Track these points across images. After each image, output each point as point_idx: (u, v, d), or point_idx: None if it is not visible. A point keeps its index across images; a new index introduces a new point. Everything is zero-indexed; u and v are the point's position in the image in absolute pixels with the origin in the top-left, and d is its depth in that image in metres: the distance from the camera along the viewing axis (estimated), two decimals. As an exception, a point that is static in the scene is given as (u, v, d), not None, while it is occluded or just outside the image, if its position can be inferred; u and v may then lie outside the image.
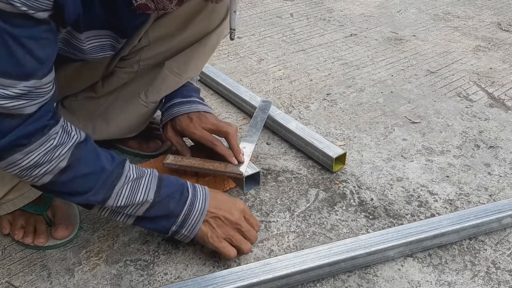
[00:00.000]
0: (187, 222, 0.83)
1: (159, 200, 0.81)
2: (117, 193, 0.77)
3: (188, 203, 0.83)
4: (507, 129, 1.32)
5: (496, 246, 0.95)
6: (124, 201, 0.78)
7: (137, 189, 0.79)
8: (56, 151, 0.71)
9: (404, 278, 0.88)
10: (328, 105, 1.43)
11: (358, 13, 2.14)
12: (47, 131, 0.69)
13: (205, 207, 0.84)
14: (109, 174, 0.76)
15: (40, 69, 0.65)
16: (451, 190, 1.09)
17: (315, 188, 1.09)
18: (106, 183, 0.76)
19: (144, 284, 0.86)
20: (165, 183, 0.82)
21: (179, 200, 0.83)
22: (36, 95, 0.66)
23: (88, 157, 0.75)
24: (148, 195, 0.80)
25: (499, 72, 1.63)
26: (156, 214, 0.82)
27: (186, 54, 1.00)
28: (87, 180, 0.75)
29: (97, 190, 0.76)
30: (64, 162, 0.72)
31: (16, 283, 0.86)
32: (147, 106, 1.04)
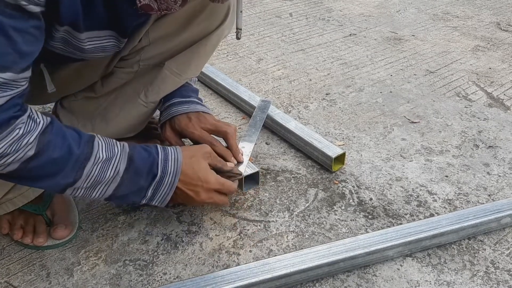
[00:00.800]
0: (157, 196, 0.85)
1: (127, 177, 0.81)
2: (86, 174, 0.76)
3: (157, 180, 0.84)
4: (506, 129, 1.32)
5: (495, 246, 0.95)
6: (92, 180, 0.77)
7: (107, 168, 0.78)
8: (22, 140, 0.68)
9: (403, 278, 0.88)
10: (327, 105, 1.43)
11: (358, 13, 2.14)
12: (13, 122, 0.67)
13: (174, 182, 0.85)
14: (77, 156, 0.75)
15: (19, 63, 0.64)
16: (450, 190, 1.09)
17: (314, 188, 1.09)
18: (76, 165, 0.75)
19: (143, 284, 0.86)
20: (135, 159, 0.82)
21: (146, 176, 0.83)
22: (8, 87, 0.64)
23: (56, 141, 0.73)
24: (118, 173, 0.79)
25: (498, 72, 1.63)
26: (125, 192, 0.82)
27: (186, 54, 1.00)
28: (55, 164, 0.73)
29: (67, 172, 0.74)
30: (31, 150, 0.70)
31: (15, 283, 0.86)
32: (146, 106, 1.04)
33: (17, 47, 0.62)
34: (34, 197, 0.93)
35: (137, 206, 1.03)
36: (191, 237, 0.96)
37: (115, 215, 1.01)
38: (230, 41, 1.83)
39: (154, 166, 0.83)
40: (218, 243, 0.95)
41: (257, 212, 1.02)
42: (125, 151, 0.81)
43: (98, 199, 0.84)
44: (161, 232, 0.97)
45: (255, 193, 1.07)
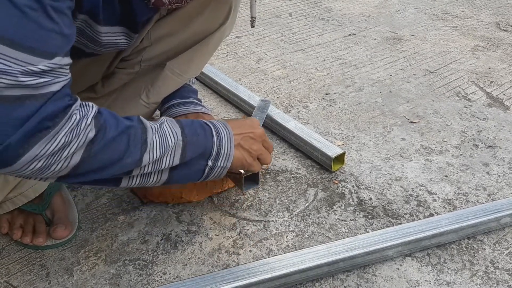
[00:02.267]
0: (221, 152, 0.83)
1: (189, 140, 0.78)
2: (150, 145, 0.73)
3: (214, 133, 0.82)
4: (505, 128, 1.32)
5: (495, 246, 0.95)
6: (158, 151, 0.74)
7: (165, 135, 0.75)
8: (81, 124, 0.65)
9: (403, 278, 0.88)
10: (327, 104, 1.43)
11: (357, 13, 2.14)
12: (69, 110, 0.64)
13: (230, 132, 0.84)
14: (136, 128, 0.72)
15: (63, 47, 0.61)
16: (449, 189, 1.09)
17: (314, 187, 1.09)
18: (137, 139, 0.72)
19: (143, 283, 0.86)
20: (184, 124, 0.80)
21: (205, 133, 0.81)
22: (59, 73, 0.62)
23: (111, 121, 0.70)
24: (177, 136, 0.77)
25: (497, 71, 1.63)
26: (192, 156, 0.79)
27: (188, 54, 1.00)
28: (118, 142, 0.69)
29: (132, 149, 0.71)
30: (92, 132, 0.66)
31: (15, 282, 0.86)
32: (148, 107, 1.04)
33: (60, 29, 0.59)
34: (34, 196, 0.93)
35: (136, 206, 1.03)
36: (191, 237, 0.96)
37: (115, 215, 1.01)
38: (230, 41, 1.83)
39: (203, 123, 0.82)
40: (218, 243, 0.95)
41: (256, 212, 1.02)
42: (170, 119, 0.80)
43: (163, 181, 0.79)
44: (161, 232, 0.97)
45: (254, 193, 1.07)
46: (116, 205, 1.03)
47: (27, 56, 0.57)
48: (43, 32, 0.58)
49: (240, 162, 0.87)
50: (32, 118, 0.59)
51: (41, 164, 0.62)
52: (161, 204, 1.03)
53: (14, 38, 0.55)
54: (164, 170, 0.78)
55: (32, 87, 0.58)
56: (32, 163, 0.61)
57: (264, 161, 0.93)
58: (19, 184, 0.90)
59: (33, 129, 0.59)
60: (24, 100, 0.58)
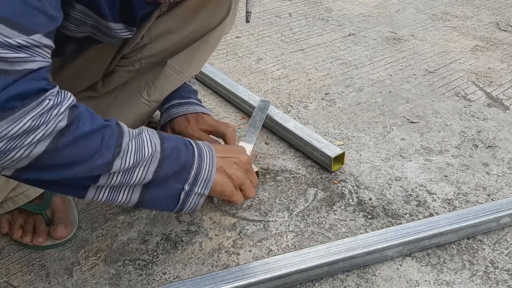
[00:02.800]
0: (200, 176, 0.75)
1: (167, 155, 0.72)
2: (124, 150, 0.67)
3: (196, 154, 0.75)
4: (505, 128, 1.32)
5: (494, 246, 0.95)
6: (132, 159, 0.68)
7: (142, 144, 0.69)
8: (53, 111, 0.59)
9: (402, 278, 0.88)
10: (327, 104, 1.43)
11: (357, 13, 2.14)
12: (43, 94, 0.58)
13: (213, 153, 0.77)
14: (112, 129, 0.66)
15: (46, 26, 0.58)
16: (449, 189, 1.09)
17: (314, 187, 1.09)
18: (112, 140, 0.66)
19: (143, 283, 0.86)
20: (165, 137, 0.74)
21: (187, 151, 0.75)
22: (37, 52, 0.58)
23: (86, 116, 0.64)
24: (155, 147, 0.71)
25: (497, 71, 1.63)
26: (167, 172, 0.72)
27: (188, 51, 1.00)
28: (90, 139, 0.64)
29: (103, 150, 0.65)
30: (64, 121, 0.60)
31: (15, 282, 0.86)
32: (149, 105, 1.03)
33: (44, 9, 0.57)
34: (35, 196, 0.93)
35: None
36: (191, 237, 0.96)
37: (115, 214, 1.01)
38: (230, 41, 1.83)
39: (188, 143, 0.76)
40: (218, 243, 0.95)
41: (256, 212, 1.02)
42: (152, 130, 0.74)
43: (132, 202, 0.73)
44: (161, 232, 0.97)
45: (254, 193, 1.07)
46: (115, 205, 1.03)
47: (4, 28, 0.53)
48: (27, 8, 0.55)
49: (220, 188, 0.79)
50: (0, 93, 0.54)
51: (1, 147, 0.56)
52: (161, 204, 1.03)
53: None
54: (135, 187, 0.72)
55: (6, 61, 0.54)
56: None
57: (247, 194, 0.83)
58: (20, 183, 0.90)
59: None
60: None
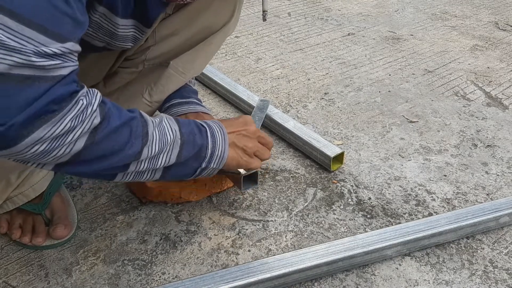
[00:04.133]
0: (215, 154, 0.83)
1: (186, 139, 0.79)
2: (150, 139, 0.73)
3: (209, 134, 0.83)
4: (504, 128, 1.32)
5: (494, 245, 0.95)
6: (157, 146, 0.74)
7: (164, 131, 0.76)
8: (87, 110, 0.64)
9: (402, 277, 0.88)
10: (326, 104, 1.43)
11: (356, 13, 2.14)
12: (75, 96, 0.63)
13: (224, 132, 0.85)
14: (138, 120, 0.72)
15: (75, 33, 0.61)
16: (448, 189, 1.09)
17: (313, 187, 1.09)
18: (139, 130, 0.72)
19: (142, 283, 0.86)
20: (181, 122, 0.80)
21: (201, 134, 0.82)
22: (68, 58, 0.61)
23: (114, 110, 0.69)
24: (176, 133, 0.77)
25: (496, 71, 1.63)
26: (187, 155, 0.79)
27: (192, 53, 1.00)
28: (121, 132, 0.69)
29: (133, 140, 0.71)
30: (97, 118, 0.65)
31: (14, 283, 0.86)
32: (151, 106, 1.03)
33: (73, 14, 0.59)
34: (34, 196, 0.93)
35: (135, 206, 1.03)
36: (190, 237, 0.96)
37: (114, 214, 1.01)
38: (229, 41, 1.83)
39: (198, 124, 0.83)
40: (217, 243, 0.95)
41: (255, 211, 1.02)
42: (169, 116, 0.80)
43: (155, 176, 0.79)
44: (160, 231, 0.97)
45: (253, 193, 1.07)
46: (115, 205, 1.03)
47: (40, 36, 0.55)
48: (58, 14, 0.57)
49: (236, 162, 0.87)
50: (39, 100, 0.57)
51: (44, 147, 0.61)
52: (160, 204, 1.03)
53: (29, 17, 0.54)
54: (158, 170, 0.78)
55: (43, 68, 0.57)
56: (35, 145, 0.60)
57: (262, 157, 0.92)
58: (20, 184, 0.90)
59: (39, 111, 0.58)
60: (33, 81, 0.56)
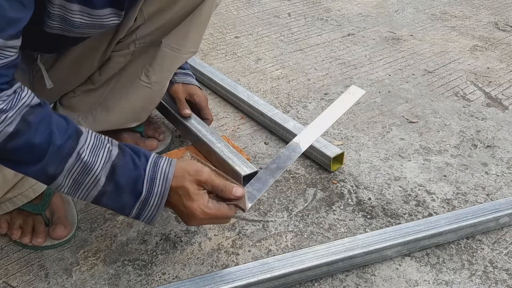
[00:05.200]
0: (143, 215, 0.76)
1: (110, 190, 0.73)
2: (68, 170, 0.70)
3: (141, 199, 0.75)
4: (504, 128, 1.32)
5: (493, 245, 0.95)
6: (74, 180, 0.71)
7: (87, 174, 0.71)
8: (2, 115, 0.63)
9: (402, 278, 0.88)
10: (326, 104, 1.43)
11: (356, 13, 2.14)
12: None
13: (160, 204, 0.75)
14: (58, 147, 0.69)
15: (6, 30, 0.61)
16: (448, 189, 1.09)
17: (313, 187, 1.09)
18: (57, 156, 0.69)
19: (142, 284, 0.86)
20: (119, 172, 0.73)
21: (130, 194, 0.74)
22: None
23: (38, 126, 0.67)
24: (98, 182, 0.72)
25: (496, 71, 1.63)
26: (109, 204, 0.75)
27: (182, 27, 1.00)
28: (35, 150, 0.67)
29: (48, 162, 0.69)
30: (10, 126, 0.64)
31: (14, 283, 0.86)
32: (151, 87, 1.01)
33: (4, 13, 0.59)
34: (34, 196, 0.93)
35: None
36: (190, 237, 0.96)
37: (114, 215, 1.01)
38: (229, 41, 1.83)
39: (138, 183, 0.74)
40: (217, 243, 0.95)
41: (255, 212, 1.02)
42: (111, 158, 0.73)
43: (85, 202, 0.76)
44: (160, 232, 0.97)
45: (253, 193, 1.07)
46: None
47: None
48: None
49: None
50: None
51: None
52: (160, 204, 1.03)
53: None
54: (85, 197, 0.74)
55: None
56: None
57: None
58: (19, 184, 0.90)
59: None
60: None
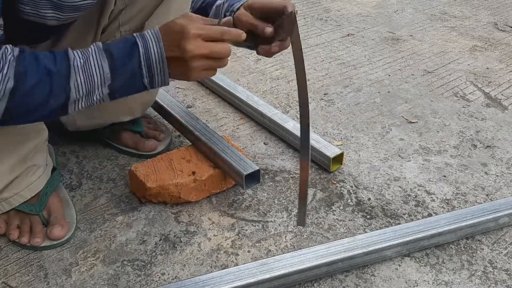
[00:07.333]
0: (154, 69, 0.79)
1: (116, 68, 0.77)
2: (74, 84, 0.74)
3: (141, 52, 0.77)
4: (503, 128, 1.32)
5: (493, 246, 0.95)
6: (85, 87, 0.75)
7: (91, 71, 0.75)
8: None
9: (401, 278, 0.88)
10: (326, 105, 1.43)
11: (355, 13, 2.14)
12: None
13: (160, 48, 0.78)
14: (57, 72, 0.73)
15: None
16: (448, 189, 1.09)
17: (313, 188, 1.09)
18: (60, 82, 0.73)
19: (142, 284, 0.86)
20: (113, 49, 0.77)
21: (131, 56, 0.77)
22: None
23: (31, 67, 0.71)
24: (103, 70, 0.76)
25: (495, 72, 1.63)
26: (122, 83, 0.78)
27: (163, 7, 0.98)
28: (40, 88, 0.71)
29: (55, 92, 0.73)
30: (10, 82, 0.68)
31: (13, 283, 0.86)
32: None
33: None
34: (30, 196, 0.93)
35: (134, 207, 1.03)
36: (189, 237, 0.96)
37: (113, 215, 1.01)
38: (228, 41, 1.83)
39: (134, 46, 0.78)
40: (217, 243, 0.94)
41: (255, 212, 1.02)
42: (99, 47, 0.77)
43: (104, 102, 0.79)
44: (159, 232, 0.97)
45: (253, 193, 1.07)
46: (114, 205, 1.03)
47: None
48: None
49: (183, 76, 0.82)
50: None
51: None
52: (159, 205, 1.03)
53: None
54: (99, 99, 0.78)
55: None
56: None
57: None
58: (15, 184, 0.90)
59: None
60: None
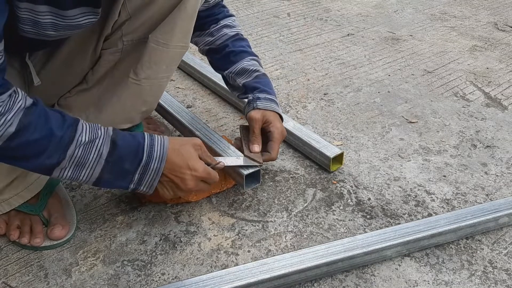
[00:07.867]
0: (143, 181, 0.84)
1: (113, 161, 0.80)
2: (70, 155, 0.77)
3: (142, 164, 0.83)
4: (503, 128, 1.32)
5: (493, 246, 0.95)
6: (77, 162, 0.78)
7: (90, 151, 0.78)
8: (1, 118, 0.69)
9: (401, 278, 0.88)
10: (326, 105, 1.43)
11: (355, 13, 2.14)
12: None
13: (160, 168, 0.84)
14: (59, 138, 0.75)
15: None
16: (448, 189, 1.09)
17: (313, 188, 1.09)
18: (58, 147, 0.75)
19: (142, 284, 0.86)
20: (119, 143, 0.81)
21: (132, 161, 0.82)
22: None
23: (37, 122, 0.73)
24: (101, 156, 0.79)
25: (495, 72, 1.63)
26: (111, 176, 0.82)
27: (168, 21, 0.98)
28: (38, 144, 0.74)
29: (50, 153, 0.75)
30: (12, 127, 0.70)
31: (13, 283, 0.86)
32: (140, 84, 1.01)
33: None
34: (30, 197, 0.93)
35: (134, 207, 1.03)
36: (190, 237, 0.96)
37: (113, 215, 1.01)
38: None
39: (139, 150, 0.82)
40: (217, 243, 0.95)
41: (255, 212, 1.02)
42: (109, 134, 0.81)
43: (87, 183, 0.83)
44: (159, 232, 0.97)
45: (253, 193, 1.07)
46: (114, 205, 1.03)
47: None
48: None
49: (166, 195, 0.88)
50: None
51: None
52: (159, 205, 1.03)
53: None
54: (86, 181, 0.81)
55: None
56: None
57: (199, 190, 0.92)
58: (15, 184, 0.90)
59: None
60: None
